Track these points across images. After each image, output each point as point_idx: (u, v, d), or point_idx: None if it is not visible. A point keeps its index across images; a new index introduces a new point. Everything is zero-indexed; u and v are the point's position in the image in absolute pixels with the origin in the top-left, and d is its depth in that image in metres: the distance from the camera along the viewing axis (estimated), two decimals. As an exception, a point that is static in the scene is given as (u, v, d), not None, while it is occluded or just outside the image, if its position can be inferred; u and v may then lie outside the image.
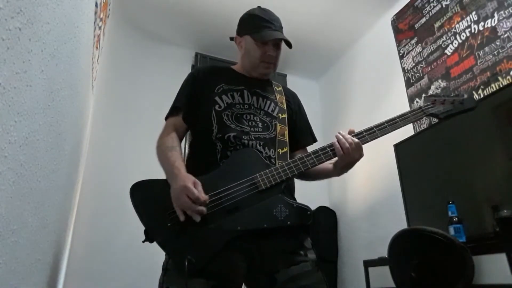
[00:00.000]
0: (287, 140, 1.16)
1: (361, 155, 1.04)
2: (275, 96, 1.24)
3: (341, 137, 1.03)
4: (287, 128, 1.19)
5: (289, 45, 1.20)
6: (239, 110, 1.14)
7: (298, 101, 1.35)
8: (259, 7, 1.28)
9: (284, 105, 1.23)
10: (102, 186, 2.49)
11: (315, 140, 1.31)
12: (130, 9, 2.96)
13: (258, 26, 1.19)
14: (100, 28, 1.75)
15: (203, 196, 0.94)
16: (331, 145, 1.05)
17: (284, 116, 1.20)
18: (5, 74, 0.47)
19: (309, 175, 1.19)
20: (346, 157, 1.03)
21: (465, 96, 1.18)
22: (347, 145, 1.01)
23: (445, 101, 1.15)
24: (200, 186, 0.96)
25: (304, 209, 0.98)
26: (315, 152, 1.05)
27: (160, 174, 1.06)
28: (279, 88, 1.30)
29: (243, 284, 1.03)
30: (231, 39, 1.31)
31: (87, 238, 2.35)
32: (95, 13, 1.44)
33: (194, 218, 0.93)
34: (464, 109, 1.15)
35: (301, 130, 1.28)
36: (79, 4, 1.00)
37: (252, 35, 1.20)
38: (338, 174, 1.12)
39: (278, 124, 1.17)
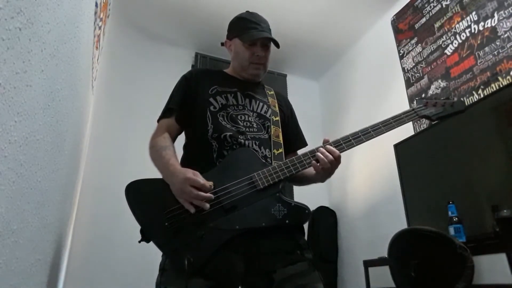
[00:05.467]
0: (282, 142, 1.18)
1: (338, 164, 1.06)
2: (268, 99, 1.26)
3: (323, 157, 1.02)
4: (281, 130, 1.20)
5: (276, 45, 1.22)
6: (233, 111, 1.16)
7: (289, 105, 1.37)
8: (247, 11, 1.30)
9: (277, 108, 1.25)
10: (102, 186, 2.49)
11: (305, 144, 1.33)
12: (130, 9, 2.96)
13: (245, 28, 1.22)
14: (100, 28, 1.75)
15: (208, 182, 0.95)
16: (313, 154, 1.05)
17: (277, 118, 1.22)
18: (5, 74, 0.47)
19: (297, 179, 1.21)
20: (325, 171, 1.05)
21: (455, 99, 1.23)
22: (328, 165, 1.02)
23: (437, 104, 1.19)
24: (199, 175, 0.97)
25: (302, 208, 0.99)
26: (304, 154, 1.06)
27: (160, 174, 1.06)
28: (271, 92, 1.32)
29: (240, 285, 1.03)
30: (222, 44, 1.34)
31: (87, 238, 2.35)
32: (95, 13, 1.44)
33: (203, 206, 0.94)
34: (454, 112, 1.18)
35: (292, 134, 1.30)
36: (79, 4, 0.99)
37: (239, 37, 1.23)
38: (322, 181, 1.14)
39: (272, 126, 1.19)
